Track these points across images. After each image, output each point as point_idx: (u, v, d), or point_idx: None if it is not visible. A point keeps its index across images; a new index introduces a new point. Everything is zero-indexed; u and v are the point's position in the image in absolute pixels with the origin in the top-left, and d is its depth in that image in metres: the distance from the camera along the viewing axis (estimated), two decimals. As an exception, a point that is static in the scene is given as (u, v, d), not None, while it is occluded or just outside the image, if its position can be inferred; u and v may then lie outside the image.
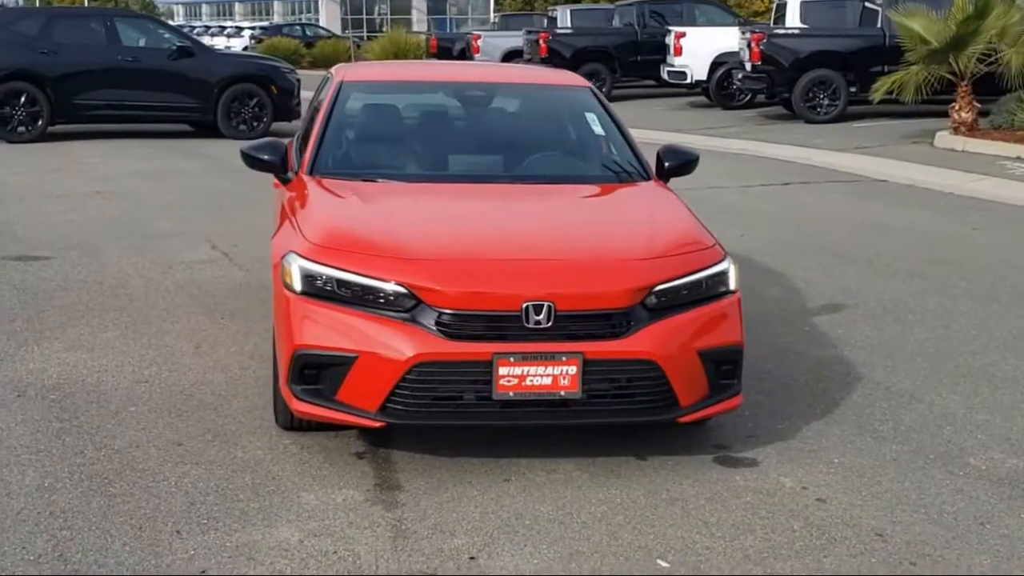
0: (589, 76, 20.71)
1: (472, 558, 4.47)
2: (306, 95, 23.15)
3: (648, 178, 6.42)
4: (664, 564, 4.45)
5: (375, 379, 5.01)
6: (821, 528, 4.78)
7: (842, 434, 5.87)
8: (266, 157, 6.37)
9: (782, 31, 21.30)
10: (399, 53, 35.44)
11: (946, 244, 10.87)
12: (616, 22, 28.03)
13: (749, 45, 21.05)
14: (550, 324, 5.01)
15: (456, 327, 5.01)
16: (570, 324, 5.04)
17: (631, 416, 5.23)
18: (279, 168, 6.37)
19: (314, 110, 7.30)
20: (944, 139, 17.65)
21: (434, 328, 5.00)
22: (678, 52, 23.67)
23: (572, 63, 26.23)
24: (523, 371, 4.97)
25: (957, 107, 17.88)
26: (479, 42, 29.68)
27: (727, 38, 23.29)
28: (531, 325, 5.00)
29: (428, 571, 4.37)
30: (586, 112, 6.82)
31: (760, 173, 15.64)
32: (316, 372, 5.16)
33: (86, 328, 7.56)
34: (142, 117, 18.86)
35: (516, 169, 6.46)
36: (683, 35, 23.76)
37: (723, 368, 5.34)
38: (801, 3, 21.98)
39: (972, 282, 9.26)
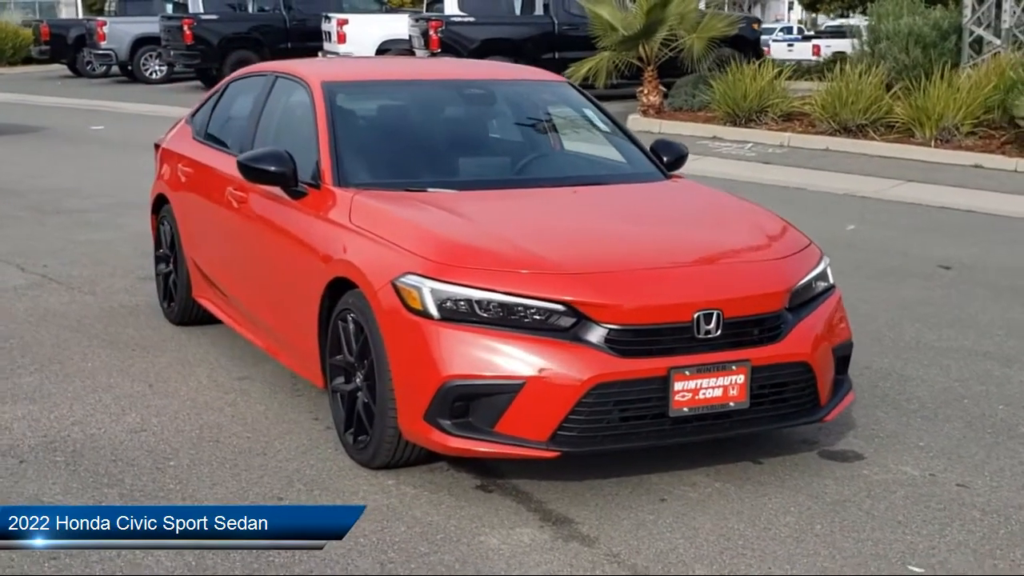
0: (238, 64, 19.80)
1: (736, 587, 4.24)
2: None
3: (667, 174, 6.27)
4: (917, 570, 4.39)
5: (545, 406, 4.62)
6: (1000, 514, 4.87)
7: (888, 417, 6.01)
8: (273, 168, 5.68)
9: (458, 19, 21.41)
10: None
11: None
12: (251, 8, 26.97)
13: (426, 33, 21.03)
14: (719, 333, 4.81)
15: (628, 343, 4.70)
16: (734, 331, 4.86)
17: (785, 421, 5.12)
18: (290, 180, 5.70)
19: (255, 112, 6.59)
20: (638, 122, 18.42)
21: (604, 346, 4.67)
22: (341, 39, 23.22)
23: (219, 51, 25.29)
24: (696, 384, 4.75)
25: (645, 91, 18.75)
26: (104, 29, 27.81)
27: (393, 24, 23.12)
28: (701, 335, 4.78)
29: (712, 607, 4.10)
30: (583, 109, 6.55)
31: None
32: (466, 404, 4.69)
33: (-14, 374, 6.48)
34: None
35: (561, 171, 6.11)
36: (346, 22, 23.34)
37: (838, 364, 5.33)
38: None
39: (802, 259, 9.73)
